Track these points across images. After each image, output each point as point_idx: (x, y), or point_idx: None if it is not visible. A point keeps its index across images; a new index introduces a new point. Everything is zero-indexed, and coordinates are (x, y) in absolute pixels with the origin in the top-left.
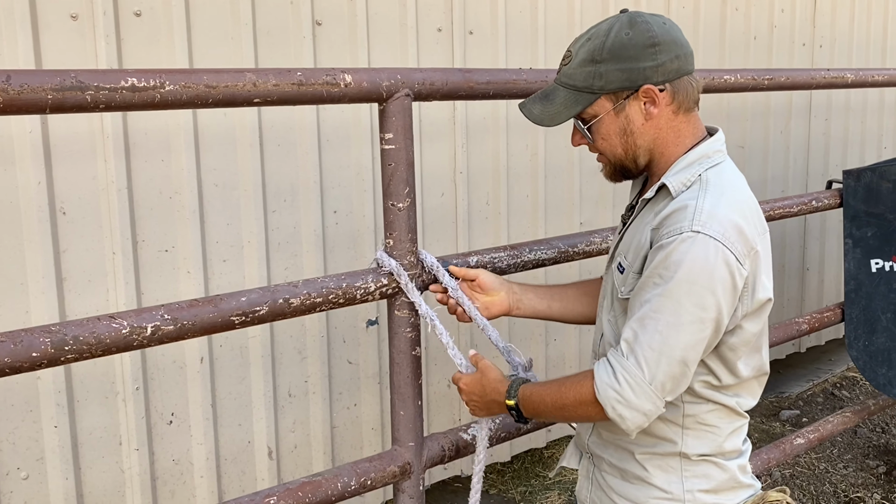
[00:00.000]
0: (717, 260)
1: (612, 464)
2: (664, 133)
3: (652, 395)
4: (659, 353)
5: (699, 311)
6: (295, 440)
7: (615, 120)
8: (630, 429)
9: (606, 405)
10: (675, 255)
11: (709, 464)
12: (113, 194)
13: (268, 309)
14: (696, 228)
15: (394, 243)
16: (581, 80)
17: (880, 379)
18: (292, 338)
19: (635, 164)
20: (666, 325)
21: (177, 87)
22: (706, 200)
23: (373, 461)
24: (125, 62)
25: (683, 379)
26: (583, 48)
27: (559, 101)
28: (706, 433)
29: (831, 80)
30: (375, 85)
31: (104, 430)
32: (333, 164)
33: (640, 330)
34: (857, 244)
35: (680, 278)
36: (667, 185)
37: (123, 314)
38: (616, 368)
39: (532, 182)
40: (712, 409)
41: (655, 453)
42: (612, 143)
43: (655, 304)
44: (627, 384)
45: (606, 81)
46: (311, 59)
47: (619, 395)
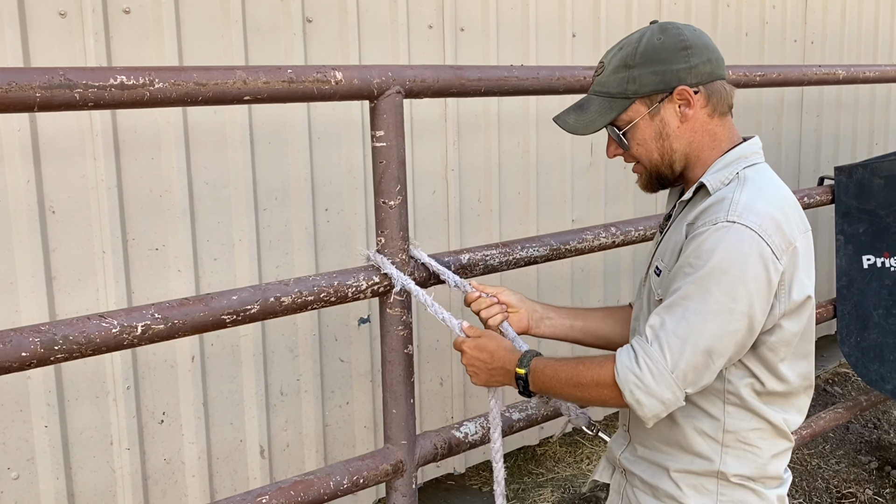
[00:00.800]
0: (752, 251)
1: (645, 480)
2: (699, 136)
3: (672, 383)
4: (683, 340)
5: (728, 301)
6: (287, 439)
7: (650, 124)
8: (647, 416)
9: (625, 389)
10: (708, 244)
11: (747, 490)
12: (102, 193)
13: (259, 308)
14: (732, 218)
15: (385, 241)
16: (615, 86)
17: (872, 375)
18: (284, 336)
19: (671, 170)
20: (693, 312)
21: (166, 84)
22: (743, 193)
23: (365, 460)
24: (114, 60)
25: (706, 371)
26: (615, 57)
27: (593, 110)
28: (747, 453)
29: (823, 76)
30: (366, 82)
31: (95, 429)
32: (325, 161)
33: (667, 316)
34: (848, 240)
35: (712, 266)
36: (705, 185)
37: (113, 313)
38: (639, 353)
39: (524, 179)
40: (755, 427)
41: (691, 471)
42: (648, 149)
43: (684, 291)
44: (648, 370)
45: (640, 85)
46: (301, 57)
47: (639, 381)
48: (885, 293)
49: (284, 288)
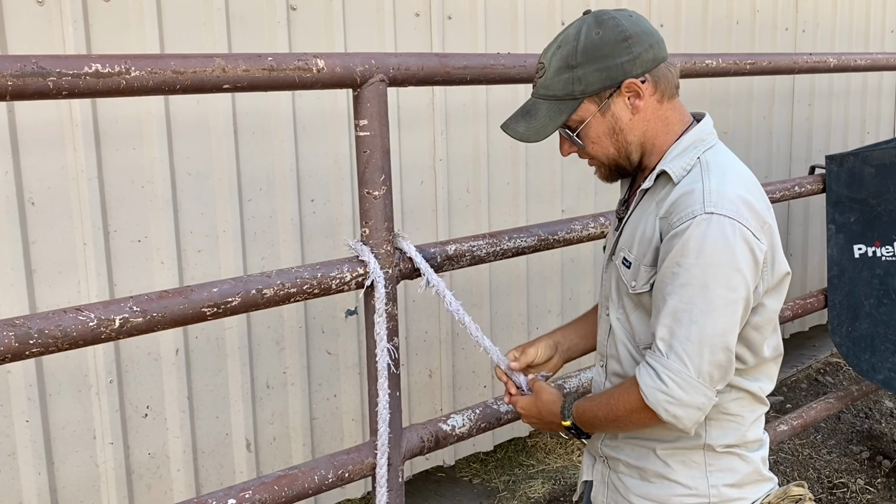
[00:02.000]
0: (736, 238)
1: (630, 464)
2: (652, 124)
3: (701, 387)
4: (699, 343)
5: (729, 292)
6: (273, 432)
7: (602, 121)
8: (687, 427)
9: (658, 408)
10: (693, 241)
11: (733, 456)
12: (83, 184)
13: (240, 300)
14: (710, 210)
15: (369, 232)
16: (560, 88)
17: (863, 365)
18: (270, 328)
19: (629, 161)
20: (700, 313)
21: (143, 72)
22: (712, 181)
23: (350, 453)
24: (94, 48)
25: (729, 365)
26: (555, 57)
27: (542, 115)
28: (730, 423)
29: (814, 64)
30: (349, 70)
31: (77, 423)
32: (310, 151)
33: (675, 325)
34: (839, 230)
35: (704, 263)
36: (667, 172)
37: (91, 306)
38: (658, 370)
39: (513, 169)
40: (735, 397)
41: (678, 448)
42: (603, 145)
43: (683, 295)
44: (674, 383)
45: (587, 84)
46: (285, 45)
47: (669, 396)
48: (877, 283)
49: (266, 280)
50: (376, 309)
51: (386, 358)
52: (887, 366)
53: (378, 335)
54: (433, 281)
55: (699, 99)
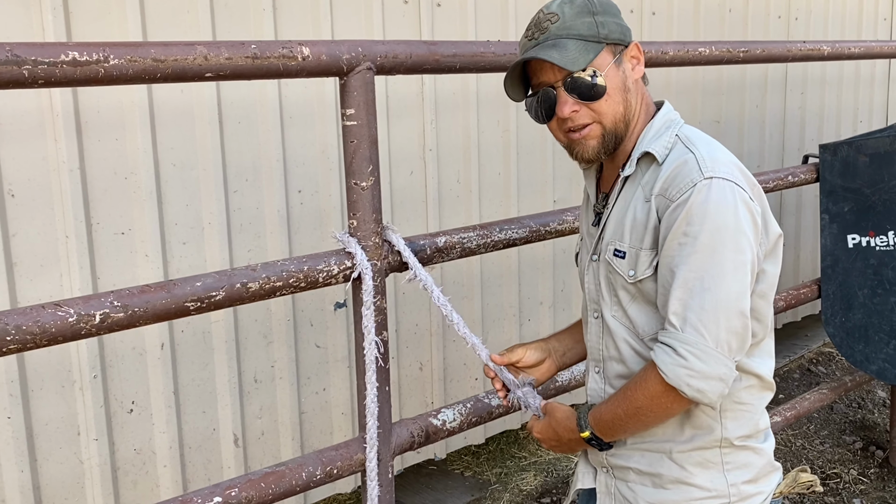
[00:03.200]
0: (737, 199)
1: (641, 471)
2: (640, 98)
3: (721, 357)
4: (714, 311)
5: (738, 254)
6: (262, 427)
7: (617, 73)
8: (713, 400)
9: (681, 385)
10: (696, 208)
11: (748, 451)
12: (64, 175)
13: (224, 294)
14: (708, 175)
15: (357, 224)
16: (585, 29)
17: (857, 355)
18: (257, 322)
19: (626, 128)
20: (712, 280)
21: (122, 61)
22: (701, 149)
23: (339, 449)
24: (74, 37)
25: (746, 332)
26: (568, 6)
27: (573, 49)
28: (743, 413)
29: (807, 52)
30: (335, 58)
31: (61, 420)
32: (297, 141)
33: (688, 296)
34: (833, 219)
35: (709, 228)
36: (650, 152)
37: (70, 301)
38: (675, 345)
39: (504, 159)
40: (747, 385)
41: (695, 448)
42: (615, 101)
43: (692, 264)
44: (693, 356)
45: (609, 31)
46: (271, 32)
47: (690, 370)
48: (871, 273)
49: (251, 273)
50: (364, 302)
51: (374, 352)
52: (881, 356)
53: (366, 329)
54: (421, 275)
55: (692, 87)
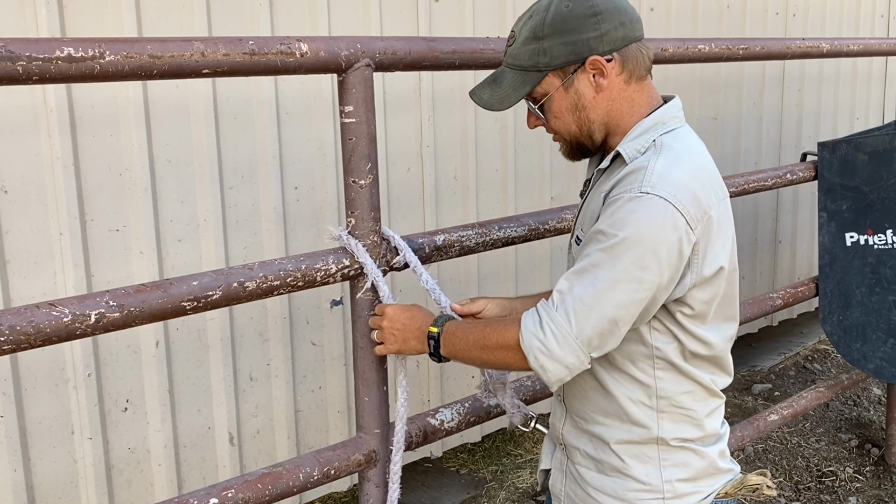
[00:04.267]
0: (666, 221)
1: (588, 454)
2: (617, 104)
3: (577, 348)
4: (590, 307)
5: (638, 270)
6: (257, 425)
7: (565, 96)
8: (551, 381)
9: (529, 354)
10: (621, 213)
11: (687, 451)
12: (58, 171)
13: (221, 293)
14: (646, 189)
15: (356, 222)
16: (526, 59)
17: (854, 354)
18: (253, 320)
19: (591, 141)
20: (602, 280)
21: (118, 57)
22: (658, 162)
23: (336, 450)
24: (69, 32)
25: (611, 337)
26: (525, 27)
27: (507, 84)
28: (682, 416)
29: (806, 49)
30: (333, 55)
31: (54, 418)
32: (294, 137)
33: (576, 282)
34: (831, 217)
35: (624, 236)
36: (621, 154)
37: (65, 301)
38: (543, 318)
39: (501, 156)
40: (687, 389)
41: (632, 441)
42: (565, 121)
43: (595, 258)
44: (553, 335)
45: (551, 57)
46: (268, 28)
47: (543, 345)
48: (869, 271)
49: (248, 272)
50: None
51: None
52: (878, 355)
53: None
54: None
55: (690, 84)
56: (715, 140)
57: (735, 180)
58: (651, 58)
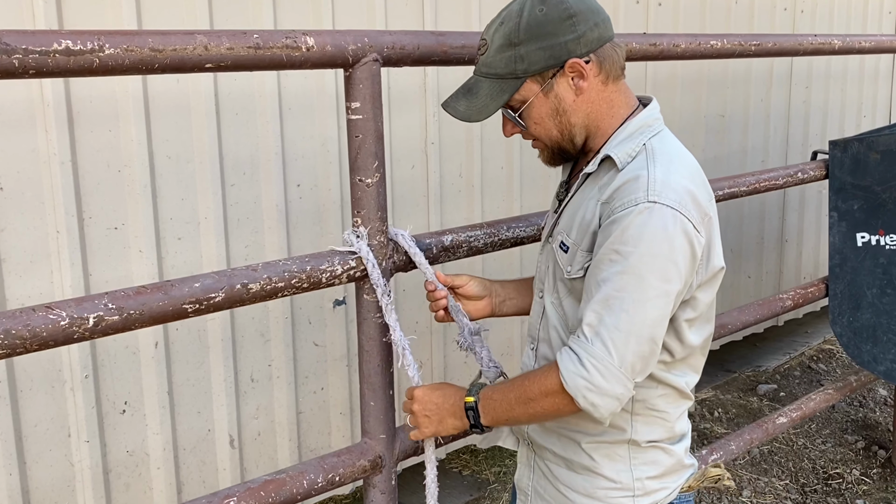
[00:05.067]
0: (676, 229)
1: (556, 454)
2: (597, 106)
3: (622, 377)
4: (627, 333)
5: (664, 283)
6: (258, 427)
7: (545, 101)
8: (604, 416)
9: (577, 395)
10: (633, 229)
11: (657, 450)
12: (55, 168)
13: (224, 296)
14: (653, 199)
15: (362, 222)
16: (502, 66)
17: (865, 356)
18: (254, 320)
19: (573, 145)
20: (632, 303)
21: (118, 50)
22: (657, 169)
23: (341, 455)
24: (66, 24)
25: (652, 357)
26: (497, 33)
27: (484, 93)
28: (656, 419)
29: (819, 46)
30: (340, 49)
31: (51, 421)
32: (296, 133)
33: (605, 312)
34: (842, 217)
35: (642, 252)
36: (611, 157)
37: (62, 304)
38: (581, 355)
39: (507, 153)
40: (661, 393)
41: (603, 441)
42: (546, 127)
43: (618, 282)
44: (596, 370)
45: (529, 63)
46: (270, 22)
47: (589, 383)
48: (880, 272)
49: (252, 274)
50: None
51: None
52: (889, 357)
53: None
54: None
55: (697, 81)
56: (722, 137)
57: (746, 179)
58: (624, 57)
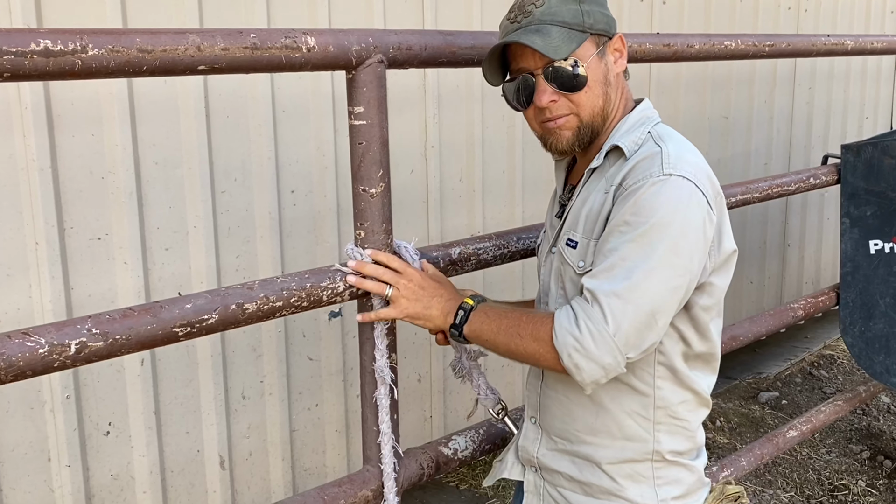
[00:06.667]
0: (691, 201)
1: (572, 478)
2: (618, 92)
3: (614, 347)
4: (626, 300)
5: (672, 255)
6: (250, 447)
7: (599, 65)
8: (585, 382)
9: (563, 352)
10: (646, 199)
11: (679, 466)
12: (34, 175)
13: (218, 317)
14: (668, 171)
15: (365, 235)
16: (570, 16)
17: (877, 367)
18: (246, 334)
19: (603, 123)
20: (636, 270)
21: (103, 51)
22: (670, 146)
23: (342, 485)
24: (45, 23)
25: (650, 334)
26: None
27: (556, 36)
28: (678, 427)
29: (832, 46)
30: (343, 49)
31: (29, 445)
32: (290, 137)
33: (608, 277)
34: (854, 224)
35: (654, 222)
36: (619, 146)
37: (40, 329)
38: (579, 314)
39: (509, 156)
40: (682, 399)
41: (626, 460)
42: (595, 94)
43: (624, 250)
44: (589, 332)
45: (595, 21)
46: (264, 21)
47: (578, 343)
48: (894, 281)
49: (248, 293)
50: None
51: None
52: None
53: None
54: None
55: (700, 81)
56: (726, 139)
57: (759, 185)
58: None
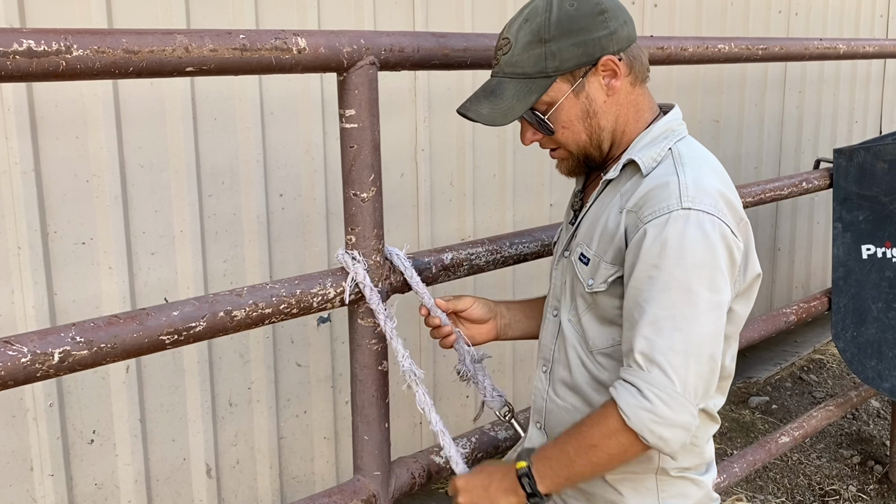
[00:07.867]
0: (716, 235)
1: (579, 487)
2: (625, 109)
3: (687, 403)
4: (685, 354)
5: (714, 294)
6: (237, 454)
7: (576, 103)
8: (674, 450)
9: (642, 430)
10: (672, 241)
11: (686, 481)
12: (16, 178)
13: (206, 325)
14: (687, 205)
15: (356, 240)
16: (530, 65)
17: (869, 372)
18: (233, 340)
19: (600, 151)
20: (684, 319)
21: (88, 52)
22: (688, 174)
23: (332, 496)
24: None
25: (713, 377)
26: (522, 30)
27: (509, 95)
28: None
29: (825, 50)
30: (335, 51)
31: (11, 454)
32: (279, 140)
33: (656, 335)
34: (847, 228)
35: (685, 264)
36: (635, 161)
37: (23, 338)
38: (640, 386)
39: (500, 160)
40: None
41: (630, 472)
42: (575, 131)
43: (664, 300)
44: (659, 399)
45: (561, 60)
46: (252, 21)
47: (654, 415)
48: (886, 286)
49: (237, 300)
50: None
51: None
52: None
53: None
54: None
55: (691, 85)
56: (716, 143)
57: (751, 189)
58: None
